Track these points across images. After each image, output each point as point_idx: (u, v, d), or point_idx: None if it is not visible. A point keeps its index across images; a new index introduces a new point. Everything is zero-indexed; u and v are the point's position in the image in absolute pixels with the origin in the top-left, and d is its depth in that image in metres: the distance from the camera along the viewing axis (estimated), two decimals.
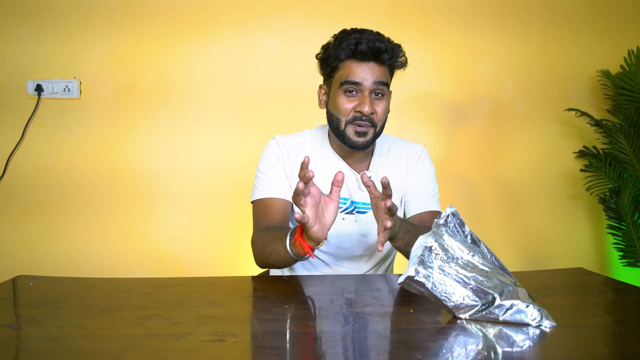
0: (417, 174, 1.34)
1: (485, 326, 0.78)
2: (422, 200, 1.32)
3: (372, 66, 1.16)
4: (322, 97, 1.28)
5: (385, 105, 1.21)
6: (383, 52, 1.15)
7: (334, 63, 1.19)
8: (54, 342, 0.71)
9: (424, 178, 1.34)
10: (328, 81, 1.24)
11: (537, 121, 2.25)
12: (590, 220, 2.30)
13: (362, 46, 1.13)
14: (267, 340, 0.74)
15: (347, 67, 1.17)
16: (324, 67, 1.23)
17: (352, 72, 1.16)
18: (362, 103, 1.16)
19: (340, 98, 1.18)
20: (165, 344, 0.70)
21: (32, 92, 2.08)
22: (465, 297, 0.79)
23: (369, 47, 1.13)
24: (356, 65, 1.16)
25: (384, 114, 1.21)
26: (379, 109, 1.19)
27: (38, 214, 2.12)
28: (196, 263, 2.18)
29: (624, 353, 0.70)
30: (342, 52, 1.16)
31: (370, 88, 1.17)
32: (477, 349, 0.71)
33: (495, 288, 0.79)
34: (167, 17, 2.13)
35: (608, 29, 2.24)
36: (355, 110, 1.17)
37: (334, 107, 1.21)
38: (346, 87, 1.17)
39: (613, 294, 1.03)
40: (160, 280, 1.09)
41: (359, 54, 1.15)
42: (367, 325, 0.80)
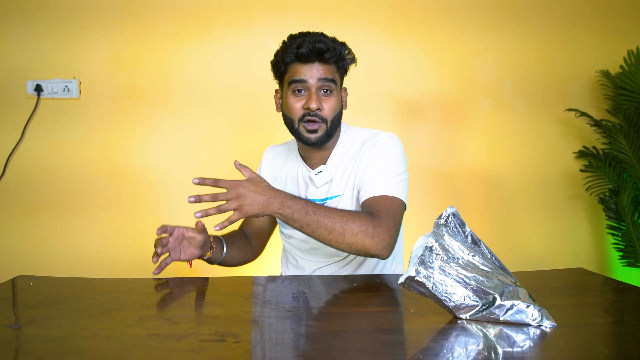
0: (367, 158, 1.25)
1: (485, 326, 0.78)
2: (370, 183, 1.21)
3: (316, 66, 1.22)
4: (278, 101, 1.33)
5: (335, 101, 1.24)
6: (325, 52, 1.21)
7: (282, 67, 1.25)
8: (54, 343, 0.71)
9: (375, 162, 1.24)
10: (280, 85, 1.31)
11: (536, 121, 2.26)
12: (590, 221, 2.30)
13: (303, 49, 1.19)
14: (267, 340, 0.74)
15: (293, 69, 1.23)
16: (274, 72, 1.30)
17: (297, 72, 1.22)
18: (309, 100, 1.21)
19: (290, 98, 1.24)
20: (166, 344, 0.70)
21: (31, 92, 2.08)
22: (466, 298, 0.79)
23: (310, 49, 1.20)
24: (301, 66, 1.22)
25: (334, 110, 1.24)
26: (327, 105, 1.23)
27: (38, 214, 2.12)
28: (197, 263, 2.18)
29: (624, 353, 0.70)
30: (288, 56, 1.22)
31: (316, 85, 1.22)
32: (478, 349, 0.71)
33: (495, 288, 0.79)
34: (168, 17, 2.13)
35: (607, 29, 2.24)
36: (304, 108, 1.22)
37: (286, 108, 1.26)
38: (294, 86, 1.23)
39: (613, 294, 1.03)
40: (161, 281, 1.09)
41: (302, 56, 1.21)
42: (368, 325, 0.80)
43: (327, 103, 1.23)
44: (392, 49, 2.20)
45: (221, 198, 1.07)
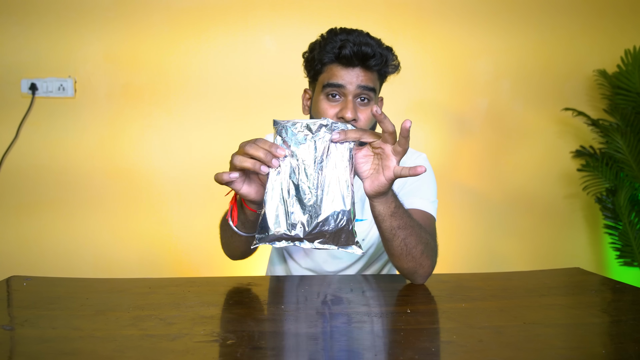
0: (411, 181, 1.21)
1: (482, 327, 0.77)
2: (413, 197, 1.16)
3: (357, 71, 1.08)
4: (306, 102, 1.20)
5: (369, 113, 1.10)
6: (370, 58, 1.07)
7: (317, 66, 1.12)
8: (48, 343, 0.71)
9: (416, 180, 1.21)
10: (312, 84, 1.18)
11: (534, 121, 2.26)
12: (587, 220, 2.30)
13: (347, 50, 1.06)
14: (263, 340, 0.73)
15: (331, 70, 1.10)
16: (308, 69, 1.16)
17: (335, 75, 1.09)
18: (344, 108, 1.07)
19: (323, 103, 1.11)
20: (161, 345, 0.70)
21: (26, 90, 2.07)
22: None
23: (354, 52, 1.06)
24: (340, 69, 1.09)
25: (370, 121, 1.11)
26: (363, 115, 1.09)
27: (32, 214, 2.10)
28: (192, 263, 2.18)
29: (621, 353, 0.70)
30: (326, 55, 1.09)
31: (354, 92, 1.08)
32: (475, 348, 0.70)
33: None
34: (163, 16, 2.12)
35: (605, 28, 2.24)
36: (337, 117, 1.08)
37: (316, 112, 1.13)
38: (328, 90, 1.09)
39: (610, 294, 1.03)
40: (156, 281, 1.09)
41: (343, 58, 1.07)
42: (364, 325, 0.79)
43: (363, 113, 1.09)
44: None
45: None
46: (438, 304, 0.93)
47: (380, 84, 1.17)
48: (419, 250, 0.98)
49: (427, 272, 1.03)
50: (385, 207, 0.92)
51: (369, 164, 0.89)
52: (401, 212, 0.95)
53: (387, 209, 0.93)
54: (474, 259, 2.27)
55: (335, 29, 1.13)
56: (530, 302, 0.93)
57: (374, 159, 0.89)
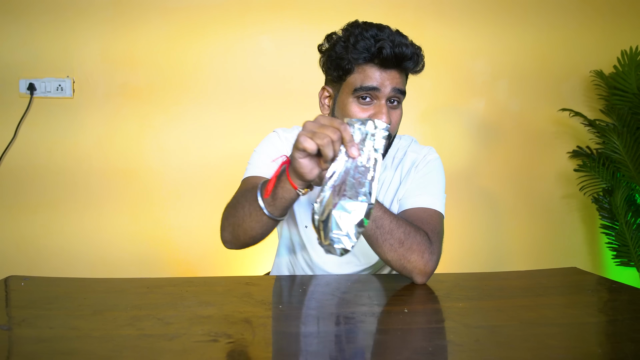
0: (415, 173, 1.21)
1: (479, 326, 0.78)
2: (416, 195, 1.14)
3: (393, 73, 1.02)
4: (325, 101, 1.13)
5: (400, 113, 1.09)
6: (408, 59, 1.02)
7: (347, 65, 1.03)
8: (45, 343, 0.70)
9: (423, 176, 1.19)
10: (335, 84, 1.09)
11: (531, 121, 2.26)
12: (583, 220, 2.31)
13: (387, 51, 0.99)
14: (261, 340, 0.73)
15: (364, 71, 1.03)
16: (332, 67, 1.07)
17: (370, 77, 1.02)
18: (378, 112, 1.02)
19: (352, 106, 1.04)
20: (158, 345, 0.70)
21: (24, 91, 2.07)
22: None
23: (395, 53, 0.99)
24: (375, 70, 1.02)
25: (398, 124, 1.09)
26: (395, 118, 1.06)
27: (30, 214, 2.10)
28: (190, 263, 2.18)
29: (617, 352, 0.70)
30: (360, 54, 1.01)
31: (387, 95, 1.03)
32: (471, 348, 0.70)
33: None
34: (161, 16, 2.12)
35: (601, 29, 2.25)
36: None
37: (342, 115, 1.05)
38: (362, 93, 1.03)
39: (607, 294, 1.03)
40: (154, 281, 1.08)
41: (382, 59, 1.00)
42: (362, 325, 0.79)
43: (394, 116, 1.06)
44: None
45: None
46: (435, 303, 0.93)
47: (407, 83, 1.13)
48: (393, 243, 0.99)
49: (421, 269, 1.02)
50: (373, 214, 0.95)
51: None
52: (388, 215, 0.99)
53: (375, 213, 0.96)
54: (471, 258, 2.27)
55: (361, 23, 1.06)
56: (526, 302, 0.93)
57: None
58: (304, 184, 0.88)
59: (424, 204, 1.13)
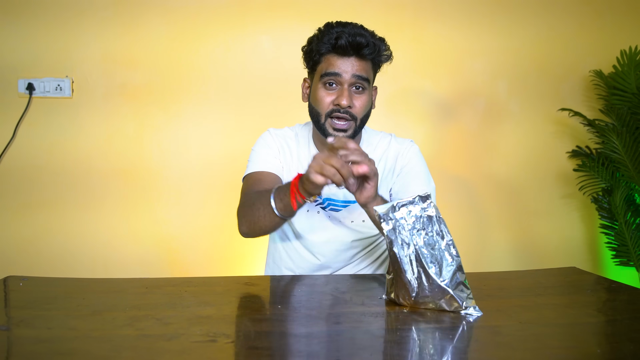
0: (402, 167, 1.29)
1: (478, 326, 0.78)
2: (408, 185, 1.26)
3: (352, 60, 1.16)
4: (306, 90, 1.29)
5: (366, 99, 1.20)
6: (364, 47, 1.15)
7: (315, 57, 1.20)
8: (43, 344, 0.70)
9: (410, 170, 1.28)
10: (311, 74, 1.26)
11: (530, 121, 2.26)
12: (583, 220, 2.31)
13: (342, 40, 1.14)
14: (259, 340, 0.73)
15: (328, 60, 1.18)
16: (307, 61, 1.24)
17: (331, 65, 1.17)
18: (340, 96, 1.16)
19: (320, 91, 1.19)
20: (157, 345, 0.70)
21: (23, 91, 2.06)
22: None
23: (349, 42, 1.14)
24: (336, 58, 1.17)
25: (364, 109, 1.20)
26: (358, 103, 1.18)
27: (29, 214, 2.10)
28: (189, 263, 2.17)
29: (616, 352, 0.70)
30: (324, 45, 1.17)
31: (349, 81, 1.17)
32: (471, 348, 0.70)
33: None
34: (160, 16, 2.12)
35: (601, 29, 2.25)
36: (334, 104, 1.17)
37: (314, 100, 1.21)
38: (326, 79, 1.18)
39: (606, 293, 1.03)
40: (153, 281, 1.08)
41: (339, 48, 1.15)
42: (361, 325, 0.79)
43: (358, 100, 1.18)
44: None
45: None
46: None
47: (374, 73, 1.24)
48: None
49: None
50: None
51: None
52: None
53: None
54: (470, 258, 2.27)
55: (331, 22, 1.20)
56: (526, 302, 0.93)
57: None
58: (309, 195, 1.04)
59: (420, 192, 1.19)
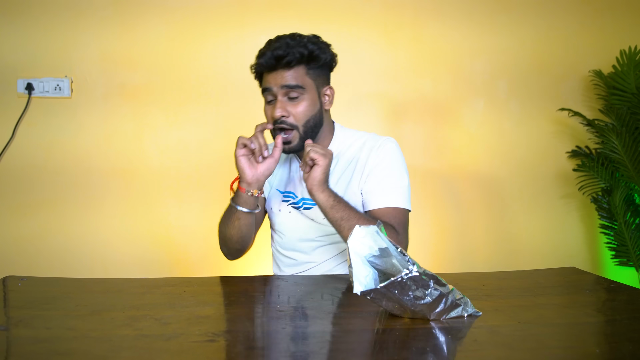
0: (372, 164, 1.26)
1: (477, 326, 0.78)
2: (379, 195, 1.24)
3: (280, 72, 1.19)
4: None
5: (305, 105, 1.21)
6: (283, 57, 1.18)
7: (256, 78, 1.28)
8: (42, 344, 0.70)
9: (381, 171, 1.25)
10: None
11: (530, 121, 2.26)
12: (582, 220, 2.31)
13: (264, 57, 1.20)
14: (258, 340, 0.73)
15: (263, 77, 1.25)
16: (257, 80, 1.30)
17: (264, 81, 1.23)
18: (274, 108, 1.21)
19: (264, 107, 1.26)
20: (156, 345, 0.69)
21: (22, 90, 2.06)
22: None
23: (269, 57, 1.19)
24: (267, 74, 1.22)
25: (304, 114, 1.21)
26: (295, 110, 1.20)
27: (28, 214, 2.10)
28: (188, 263, 2.17)
29: (615, 352, 0.70)
30: (257, 65, 1.25)
31: (281, 92, 1.20)
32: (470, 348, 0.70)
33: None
34: (160, 16, 2.11)
35: (600, 29, 2.25)
36: (273, 117, 1.21)
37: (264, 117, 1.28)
38: (264, 95, 1.25)
39: (605, 293, 1.03)
40: (152, 281, 1.08)
41: (265, 65, 1.21)
42: (360, 324, 0.79)
43: (295, 108, 1.20)
44: (386, 48, 2.20)
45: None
46: None
47: (317, 75, 1.23)
48: None
49: None
50: (322, 200, 1.13)
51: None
52: (342, 205, 1.14)
53: (326, 202, 1.13)
54: (469, 258, 2.27)
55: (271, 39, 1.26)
56: (525, 302, 0.93)
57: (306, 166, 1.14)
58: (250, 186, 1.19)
59: (389, 203, 1.23)
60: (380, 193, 1.23)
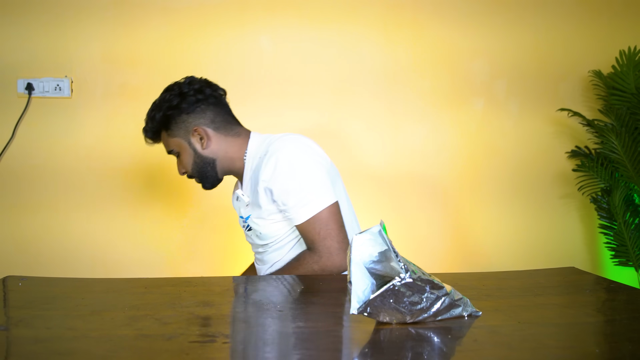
0: (267, 183, 1.22)
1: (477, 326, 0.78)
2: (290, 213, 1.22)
3: (159, 144, 1.41)
4: None
5: (185, 157, 1.34)
6: (147, 133, 1.39)
7: None
8: (42, 344, 0.70)
9: (280, 187, 1.21)
10: None
11: (529, 121, 2.26)
12: (582, 220, 2.31)
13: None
14: (258, 340, 0.73)
15: None
16: None
17: None
18: None
19: None
20: (156, 345, 0.70)
21: (22, 90, 2.06)
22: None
23: (145, 138, 1.41)
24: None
25: (190, 164, 1.35)
26: (183, 164, 1.36)
27: (29, 214, 2.10)
28: (188, 263, 2.17)
29: (615, 352, 0.70)
30: None
31: (171, 154, 1.39)
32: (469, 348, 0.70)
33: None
34: (160, 16, 2.12)
35: (600, 29, 2.25)
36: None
37: None
38: None
39: (605, 293, 1.03)
40: (152, 281, 1.09)
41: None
42: (360, 324, 0.79)
43: (182, 163, 1.36)
44: (385, 48, 2.20)
45: None
46: None
47: (178, 131, 1.34)
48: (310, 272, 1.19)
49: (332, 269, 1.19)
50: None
51: None
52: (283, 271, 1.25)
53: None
54: (469, 258, 2.27)
55: None
56: (525, 302, 0.93)
57: None
58: None
59: (301, 219, 1.21)
60: (290, 211, 1.21)
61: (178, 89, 1.34)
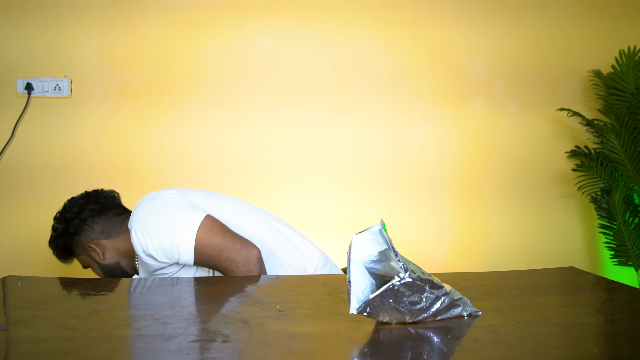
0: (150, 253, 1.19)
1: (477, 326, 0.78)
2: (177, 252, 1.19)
3: None
4: None
5: (95, 270, 1.40)
6: (60, 259, 1.46)
7: None
8: (41, 344, 0.70)
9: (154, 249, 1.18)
10: None
11: (529, 121, 2.26)
12: (581, 220, 2.31)
13: None
14: (258, 340, 0.73)
15: None
16: None
17: None
18: None
19: None
20: (155, 345, 0.69)
21: (21, 90, 2.06)
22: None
23: None
24: None
25: (100, 274, 1.40)
26: (96, 274, 1.42)
27: (28, 214, 2.10)
28: None
29: (615, 352, 0.70)
30: None
31: None
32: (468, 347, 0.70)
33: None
34: (160, 16, 2.12)
35: (599, 28, 2.25)
36: None
37: None
38: None
39: (604, 293, 1.03)
40: (151, 280, 1.08)
41: None
42: (359, 324, 0.79)
43: (95, 275, 1.42)
44: (385, 48, 2.20)
45: None
46: None
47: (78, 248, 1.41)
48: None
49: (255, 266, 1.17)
50: None
51: None
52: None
53: None
54: (468, 258, 2.27)
55: None
56: (524, 301, 0.93)
57: None
58: None
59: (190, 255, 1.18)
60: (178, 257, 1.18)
61: (62, 217, 1.40)
